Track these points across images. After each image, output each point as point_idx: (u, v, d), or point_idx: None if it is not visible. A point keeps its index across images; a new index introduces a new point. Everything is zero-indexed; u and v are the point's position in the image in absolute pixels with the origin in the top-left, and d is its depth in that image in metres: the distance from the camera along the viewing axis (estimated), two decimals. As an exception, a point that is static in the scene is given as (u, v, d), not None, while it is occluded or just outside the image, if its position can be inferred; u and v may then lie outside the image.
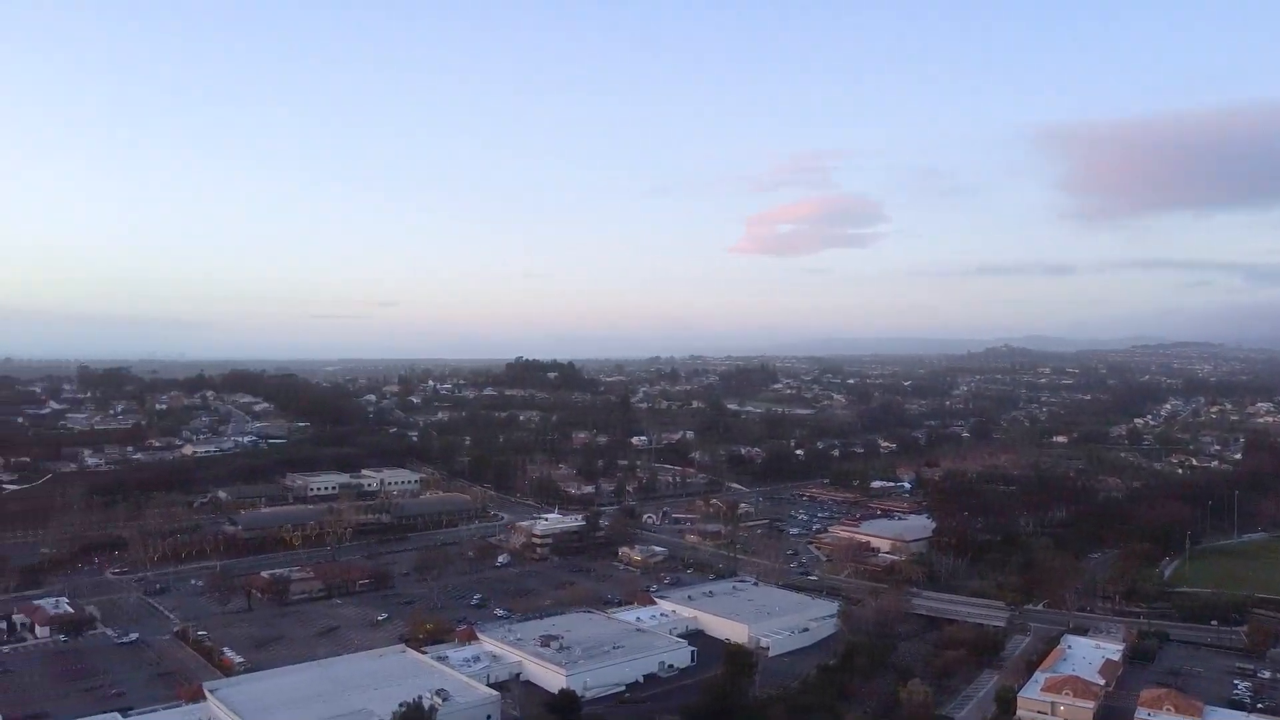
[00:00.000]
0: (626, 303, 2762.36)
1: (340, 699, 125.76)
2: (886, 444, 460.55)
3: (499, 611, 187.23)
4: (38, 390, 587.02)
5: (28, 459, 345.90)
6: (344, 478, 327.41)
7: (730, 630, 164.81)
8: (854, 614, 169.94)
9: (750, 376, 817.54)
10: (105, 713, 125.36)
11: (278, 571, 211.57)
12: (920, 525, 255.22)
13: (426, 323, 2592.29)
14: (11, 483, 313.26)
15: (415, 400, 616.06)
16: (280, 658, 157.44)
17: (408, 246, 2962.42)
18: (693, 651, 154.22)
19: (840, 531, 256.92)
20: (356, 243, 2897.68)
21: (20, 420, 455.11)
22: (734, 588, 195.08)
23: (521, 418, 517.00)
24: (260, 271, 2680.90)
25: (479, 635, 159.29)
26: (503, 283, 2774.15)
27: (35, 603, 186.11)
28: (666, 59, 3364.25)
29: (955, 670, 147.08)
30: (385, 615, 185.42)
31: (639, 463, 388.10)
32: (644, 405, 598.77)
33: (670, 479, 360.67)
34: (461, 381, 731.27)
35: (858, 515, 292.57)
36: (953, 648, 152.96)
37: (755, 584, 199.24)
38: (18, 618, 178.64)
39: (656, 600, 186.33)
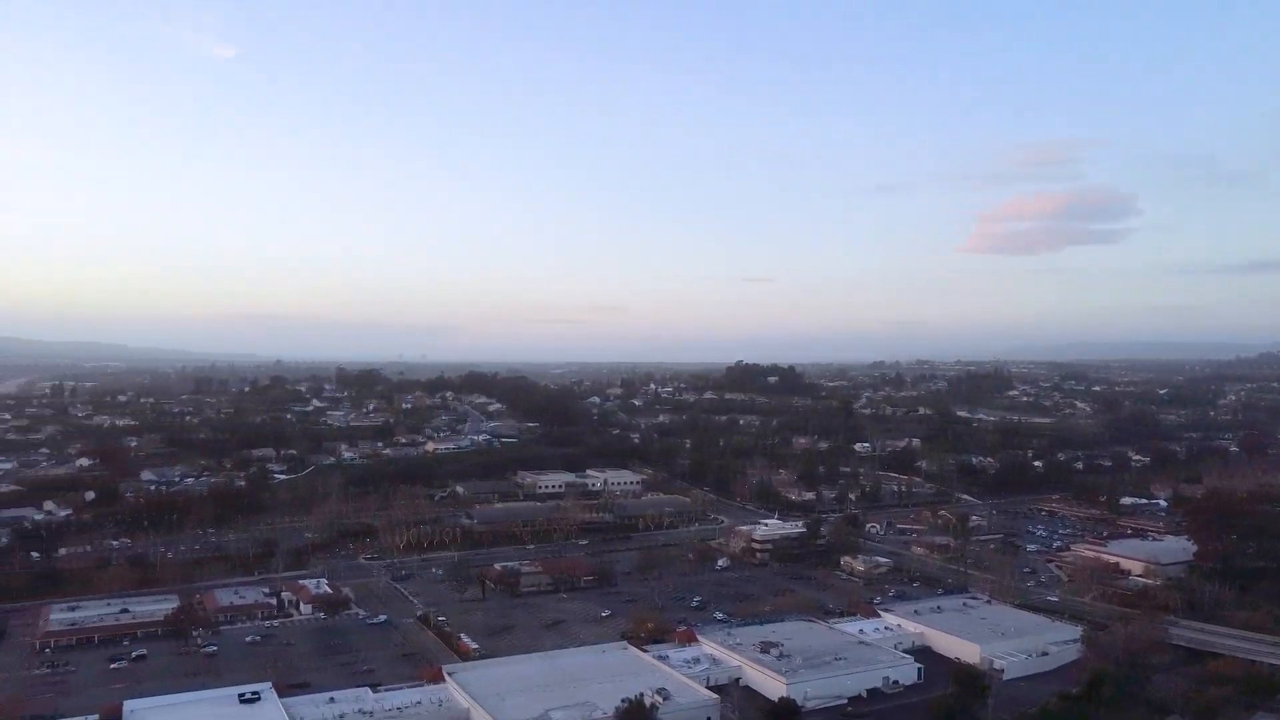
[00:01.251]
0: (849, 305, 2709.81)
1: (566, 690, 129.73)
2: (1138, 457, 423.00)
3: (718, 615, 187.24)
4: (303, 389, 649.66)
5: (294, 452, 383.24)
6: (570, 477, 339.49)
7: (960, 649, 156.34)
8: (1100, 640, 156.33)
9: (982, 382, 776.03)
10: (358, 687, 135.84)
11: (509, 564, 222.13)
12: (1178, 548, 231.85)
13: (649, 327, 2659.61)
14: (281, 473, 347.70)
15: (637, 403, 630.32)
16: (511, 646, 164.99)
17: (632, 252, 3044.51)
18: (919, 669, 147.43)
19: (1084, 550, 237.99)
20: (585, 250, 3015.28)
21: (289, 416, 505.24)
22: (964, 604, 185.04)
23: (741, 422, 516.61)
24: (496, 279, 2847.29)
25: (698, 637, 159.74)
26: (723, 286, 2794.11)
27: (301, 582, 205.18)
28: (889, 47, 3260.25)
29: (1220, 709, 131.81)
30: (608, 612, 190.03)
31: (862, 470, 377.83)
32: (867, 411, 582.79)
33: (895, 488, 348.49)
34: (682, 385, 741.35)
35: (1104, 533, 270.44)
36: (1218, 684, 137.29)
37: (988, 602, 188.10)
38: (286, 595, 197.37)
39: (880, 613, 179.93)
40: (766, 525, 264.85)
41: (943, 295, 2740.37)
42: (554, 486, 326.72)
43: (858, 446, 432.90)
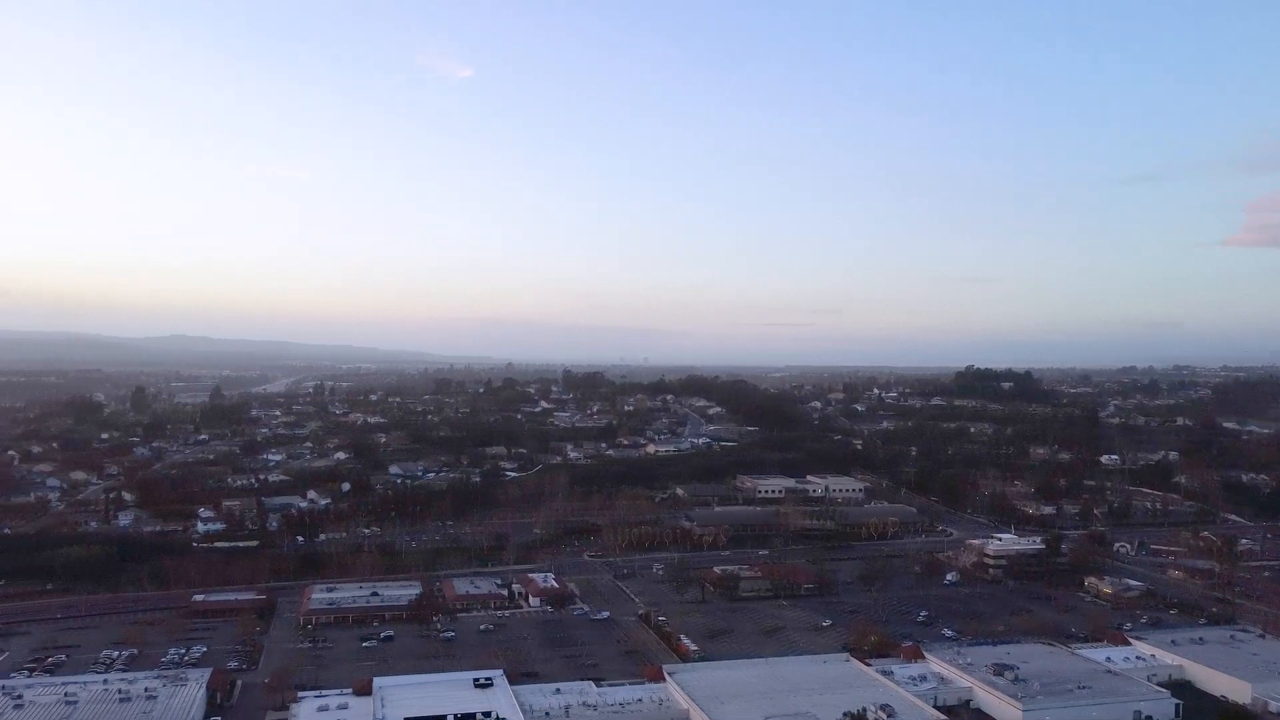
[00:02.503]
0: (1090, 305, 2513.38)
1: (785, 699, 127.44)
2: None
3: (946, 632, 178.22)
4: (532, 391, 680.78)
5: (524, 450, 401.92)
6: (790, 482, 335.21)
7: (1227, 686, 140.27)
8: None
9: (1254, 390, 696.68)
10: (582, 680, 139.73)
11: (729, 568, 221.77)
12: None
13: (870, 330, 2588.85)
14: (512, 470, 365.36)
15: (859, 408, 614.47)
16: (730, 650, 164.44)
17: (853, 253, 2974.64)
18: (1177, 705, 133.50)
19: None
20: (804, 252, 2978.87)
21: (519, 417, 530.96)
22: (1232, 637, 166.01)
23: (972, 429, 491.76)
24: (716, 283, 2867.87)
25: (925, 654, 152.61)
26: (950, 287, 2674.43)
27: (530, 575, 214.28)
28: (1145, 20, 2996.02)
29: None
30: (829, 621, 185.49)
31: (1109, 484, 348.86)
32: (1115, 420, 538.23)
33: (1147, 505, 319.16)
34: (907, 390, 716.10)
35: None
36: None
37: (1261, 636, 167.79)
38: (516, 587, 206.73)
39: (1131, 640, 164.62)
40: (1000, 540, 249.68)
41: (1204, 294, 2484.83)
42: (774, 491, 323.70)
43: (1104, 459, 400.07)
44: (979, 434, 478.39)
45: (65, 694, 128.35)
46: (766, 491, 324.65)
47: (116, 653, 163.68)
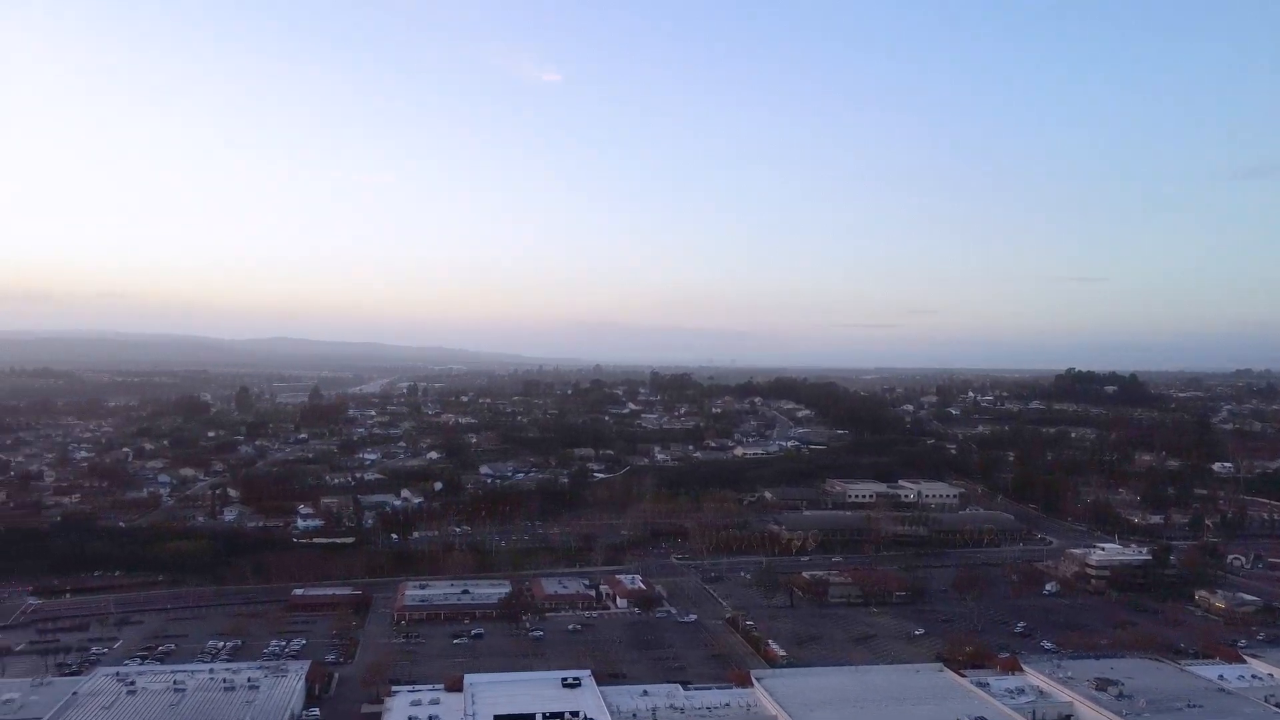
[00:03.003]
0: (1203, 306, 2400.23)
1: (876, 708, 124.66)
2: None
3: (1046, 644, 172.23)
4: (619, 392, 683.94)
5: (612, 452, 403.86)
6: (881, 487, 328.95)
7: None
8: None
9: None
10: (669, 683, 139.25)
11: (818, 573, 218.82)
12: None
13: (964, 331, 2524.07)
14: (600, 472, 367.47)
15: (953, 411, 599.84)
16: (819, 657, 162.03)
17: (945, 251, 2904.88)
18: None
19: None
20: (895, 252, 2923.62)
21: (607, 418, 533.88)
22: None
23: (1073, 434, 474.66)
24: (802, 282, 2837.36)
25: (1023, 666, 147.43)
26: (1050, 286, 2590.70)
27: (617, 577, 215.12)
28: (1261, 10, 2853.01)
29: None
30: (921, 630, 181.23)
31: (1221, 493, 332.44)
32: (1228, 426, 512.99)
33: (1264, 515, 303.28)
34: (1004, 394, 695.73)
35: None
36: None
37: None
38: (604, 588, 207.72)
39: (1246, 658, 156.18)
40: (1103, 549, 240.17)
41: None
42: (864, 496, 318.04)
43: (1216, 466, 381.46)
44: (1080, 439, 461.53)
45: (174, 682, 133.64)
46: (857, 496, 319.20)
47: (221, 643, 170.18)
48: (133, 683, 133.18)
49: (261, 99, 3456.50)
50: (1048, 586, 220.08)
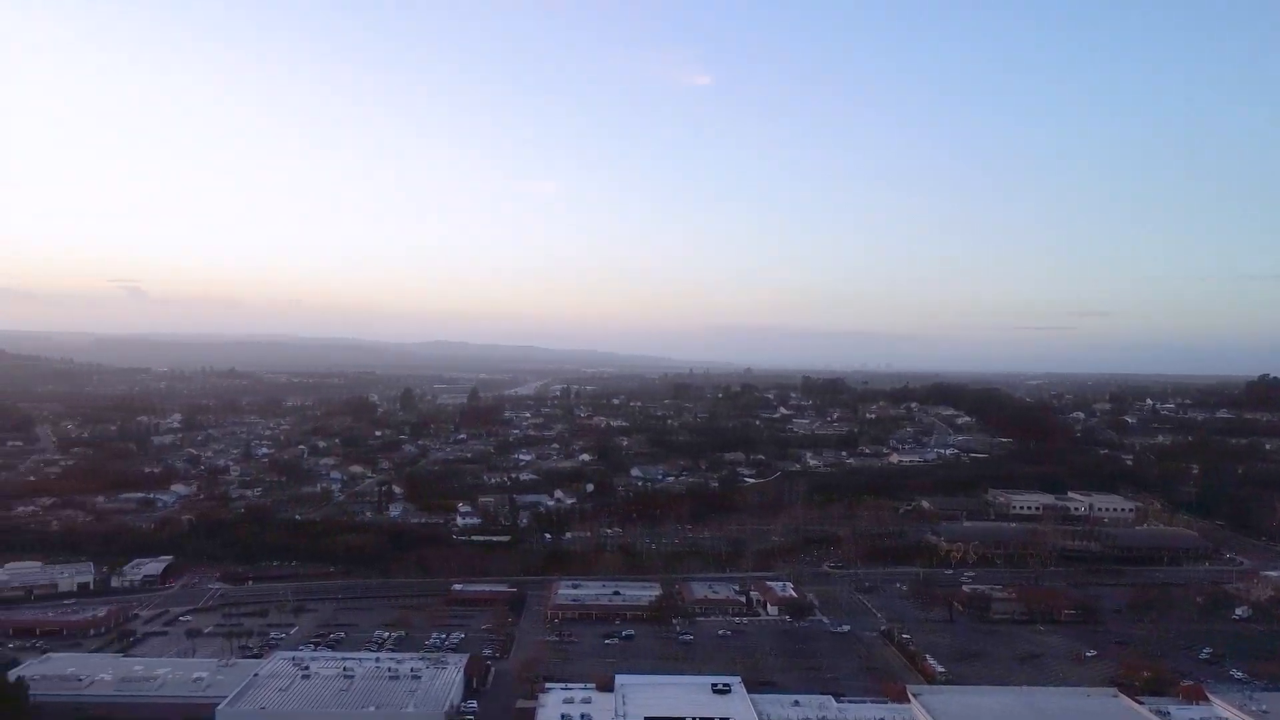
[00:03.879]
0: None
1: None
2: None
3: (1235, 673, 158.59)
4: (770, 397, 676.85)
5: (762, 457, 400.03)
6: (1048, 498, 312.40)
7: None
8: None
9: None
10: (821, 694, 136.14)
11: (978, 587, 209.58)
12: None
13: (1141, 334, 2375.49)
14: (750, 476, 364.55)
15: (1129, 420, 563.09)
16: (980, 675, 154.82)
17: (1119, 249, 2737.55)
18: None
19: None
20: (1066, 251, 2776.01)
21: (757, 423, 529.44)
22: None
23: (1267, 446, 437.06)
24: (961, 284, 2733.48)
25: (1209, 696, 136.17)
26: (1241, 285, 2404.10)
27: (768, 583, 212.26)
28: None
29: None
30: (1093, 652, 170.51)
31: None
32: None
33: None
34: (1187, 401, 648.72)
35: None
36: None
37: None
38: (754, 594, 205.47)
39: None
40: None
41: None
42: (1029, 508, 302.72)
43: None
44: (1276, 451, 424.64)
45: (344, 669, 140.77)
46: (1021, 508, 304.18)
47: (387, 634, 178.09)
48: (307, 667, 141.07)
49: (426, 112, 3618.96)
50: (1238, 611, 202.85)
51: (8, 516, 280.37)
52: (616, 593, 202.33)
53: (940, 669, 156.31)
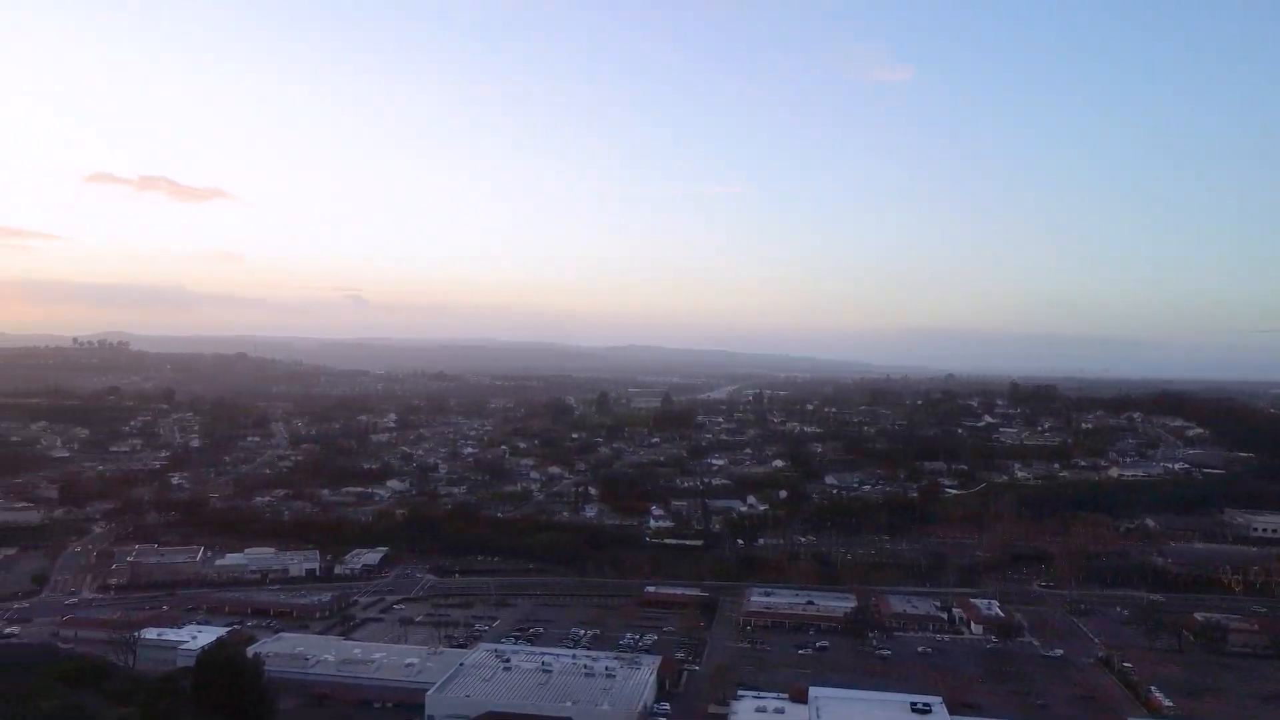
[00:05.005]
0: None
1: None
2: None
3: None
4: (974, 404, 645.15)
5: (965, 467, 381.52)
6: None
7: None
8: None
9: None
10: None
11: (1212, 615, 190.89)
12: None
13: None
14: (952, 487, 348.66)
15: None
16: (1214, 713, 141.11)
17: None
18: None
19: None
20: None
21: (960, 431, 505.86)
22: None
23: None
24: (1189, 281, 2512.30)
25: None
26: None
27: (971, 600, 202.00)
28: None
29: None
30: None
31: None
32: None
33: None
34: None
35: None
36: None
37: None
38: (956, 611, 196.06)
39: None
40: None
41: None
42: (1274, 530, 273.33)
43: None
44: None
45: (543, 663, 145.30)
46: (1263, 530, 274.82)
47: (582, 631, 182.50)
48: (508, 660, 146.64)
49: (619, 118, 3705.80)
50: None
51: (248, 506, 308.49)
52: (810, 602, 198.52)
53: (1168, 703, 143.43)
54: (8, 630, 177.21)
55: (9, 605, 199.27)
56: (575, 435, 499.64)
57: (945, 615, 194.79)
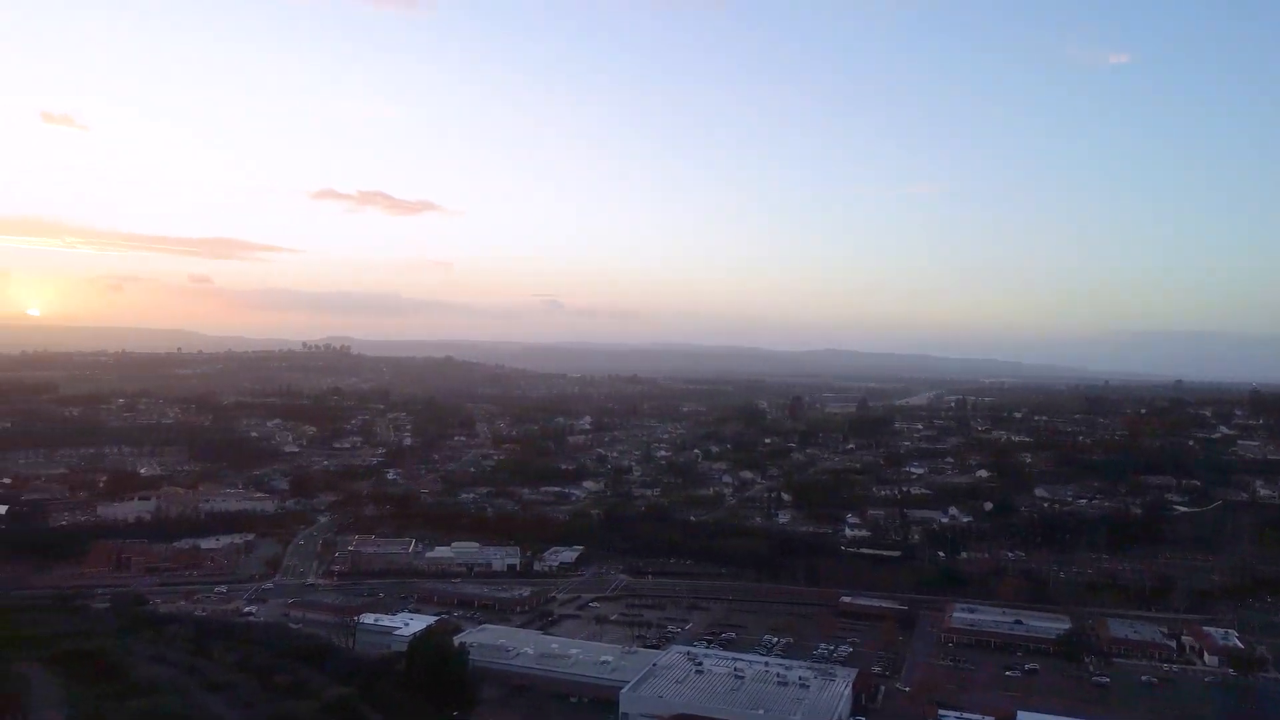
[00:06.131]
0: None
1: None
2: None
3: None
4: (1207, 414, 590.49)
5: (1197, 483, 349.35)
6: None
7: None
8: None
9: None
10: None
11: None
12: None
13: None
14: (1181, 504, 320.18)
15: None
16: None
17: None
18: None
19: None
20: None
21: (1190, 443, 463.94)
22: None
23: None
24: None
25: None
26: None
27: (1204, 629, 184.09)
28: None
29: None
30: None
31: None
32: None
33: None
34: None
35: None
36: None
37: None
38: (1186, 639, 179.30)
39: None
40: None
41: None
42: None
43: None
44: None
45: (735, 669, 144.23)
46: None
47: (775, 639, 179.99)
48: (700, 663, 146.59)
49: (814, 117, 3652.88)
50: None
51: (455, 502, 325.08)
52: (1018, 621, 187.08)
53: None
54: (247, 609, 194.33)
55: (248, 586, 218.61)
56: (768, 440, 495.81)
57: (1173, 643, 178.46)
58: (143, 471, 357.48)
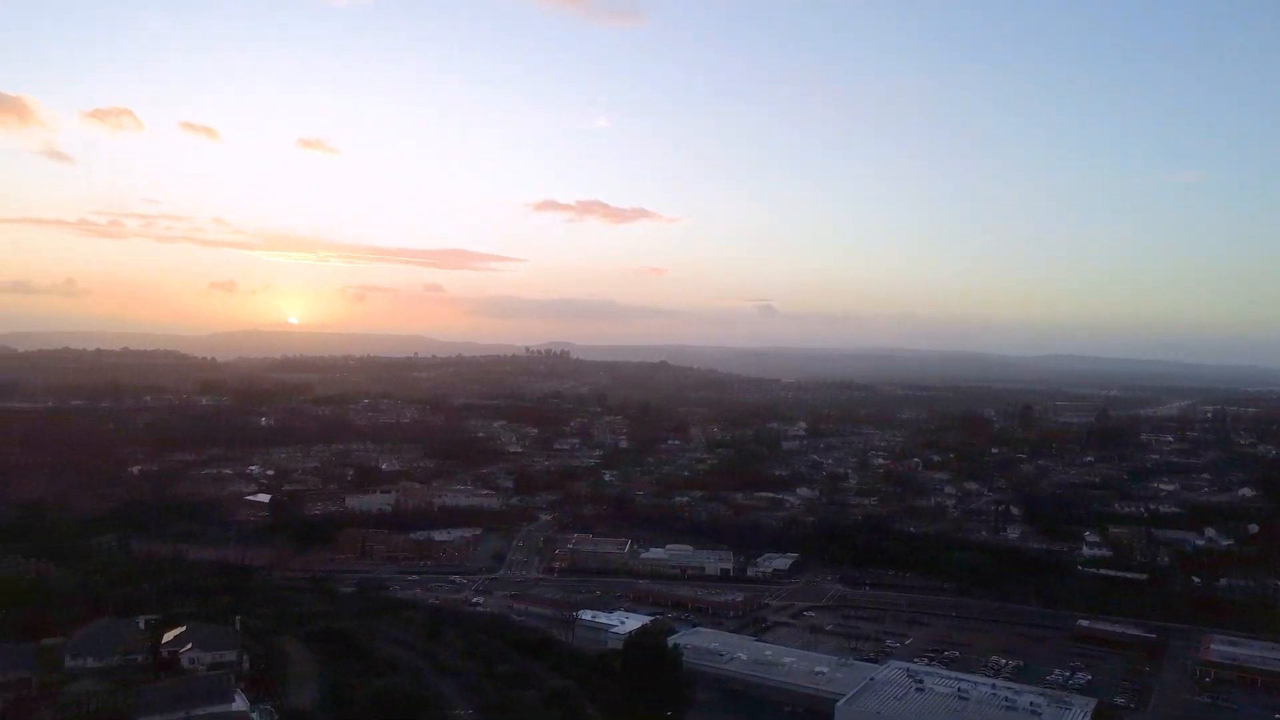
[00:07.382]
0: None
1: None
2: None
3: None
4: None
5: None
6: None
7: None
8: None
9: None
10: None
11: None
12: None
13: None
14: None
15: None
16: None
17: None
18: None
19: None
20: None
21: None
22: None
23: None
24: None
25: None
26: None
27: None
28: None
29: None
30: None
31: None
32: None
33: None
34: None
35: None
36: None
37: None
38: None
39: None
40: None
41: None
42: None
43: None
44: None
45: (958, 689, 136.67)
46: None
47: (1004, 661, 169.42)
48: (921, 681, 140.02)
49: (1041, 109, 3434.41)
50: None
51: (668, 504, 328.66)
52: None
53: None
54: (475, 599, 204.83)
55: (476, 578, 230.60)
56: (994, 450, 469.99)
57: None
58: (384, 467, 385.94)
